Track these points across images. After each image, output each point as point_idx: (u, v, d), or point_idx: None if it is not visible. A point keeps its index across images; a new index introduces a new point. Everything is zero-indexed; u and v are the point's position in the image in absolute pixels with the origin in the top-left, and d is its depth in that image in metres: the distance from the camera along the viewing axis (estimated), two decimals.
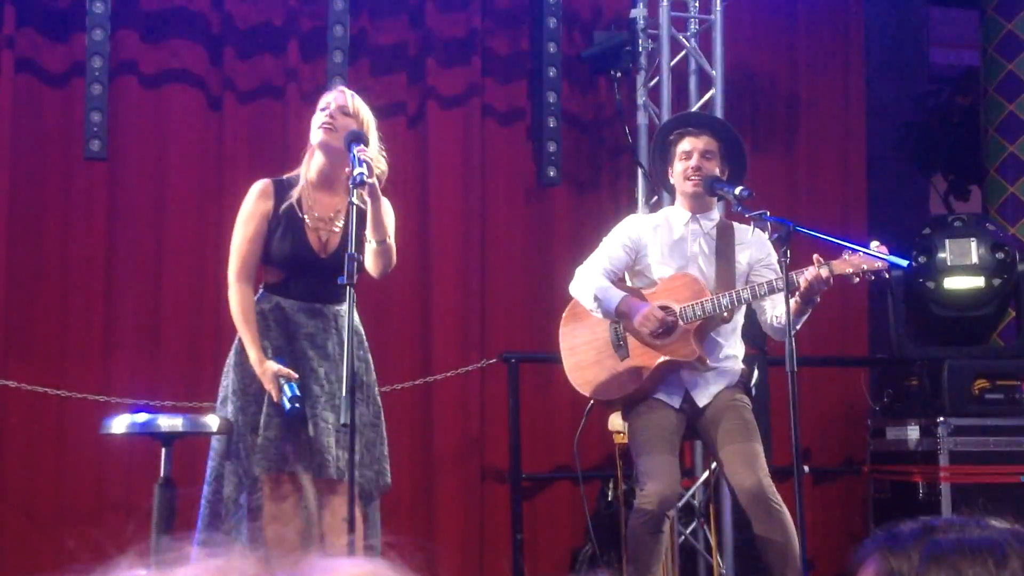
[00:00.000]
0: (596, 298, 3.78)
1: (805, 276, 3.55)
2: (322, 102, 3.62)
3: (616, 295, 3.76)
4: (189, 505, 4.80)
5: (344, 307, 3.50)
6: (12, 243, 5.12)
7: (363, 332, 3.64)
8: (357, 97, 3.63)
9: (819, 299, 3.61)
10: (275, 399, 3.44)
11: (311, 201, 3.59)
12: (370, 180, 3.32)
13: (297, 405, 3.41)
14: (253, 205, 3.61)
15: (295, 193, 3.58)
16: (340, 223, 3.55)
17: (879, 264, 3.55)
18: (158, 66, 5.32)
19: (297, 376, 3.45)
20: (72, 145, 5.16)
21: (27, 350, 5.09)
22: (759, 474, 3.58)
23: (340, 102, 3.58)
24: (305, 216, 3.56)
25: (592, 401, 4.01)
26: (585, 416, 4.20)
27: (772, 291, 3.67)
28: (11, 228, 5.11)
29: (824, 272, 3.54)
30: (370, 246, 3.47)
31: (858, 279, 3.59)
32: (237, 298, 3.59)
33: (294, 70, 5.43)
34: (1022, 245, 5.73)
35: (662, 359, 3.74)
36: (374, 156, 3.57)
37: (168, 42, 5.34)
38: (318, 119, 3.57)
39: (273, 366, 3.46)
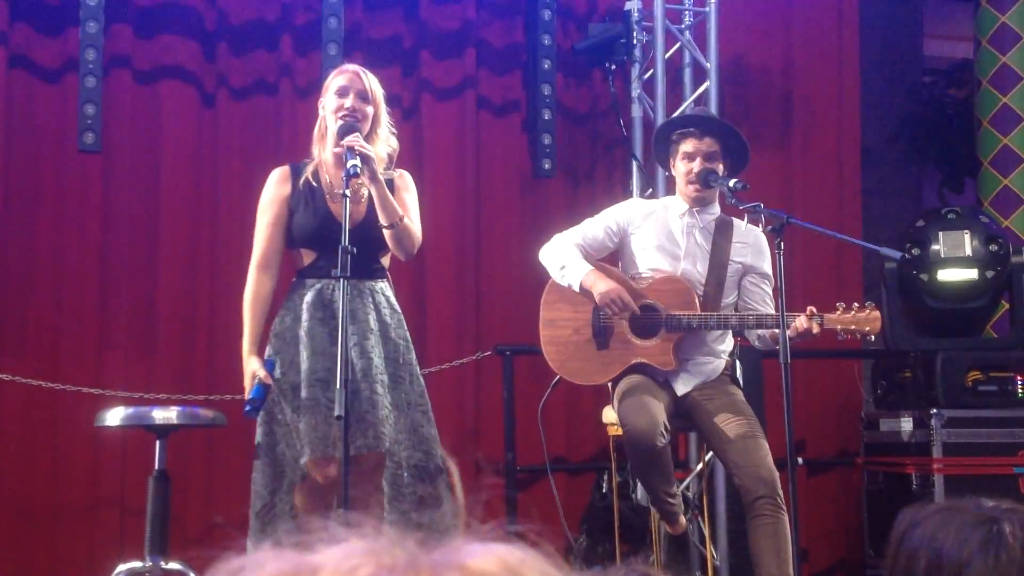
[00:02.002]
0: (562, 266, 3.79)
1: (795, 326, 3.56)
2: (335, 84, 3.54)
3: (583, 267, 3.76)
4: (184, 498, 4.82)
5: (380, 284, 3.50)
6: (6, 236, 5.12)
7: (400, 311, 3.59)
8: (371, 76, 3.58)
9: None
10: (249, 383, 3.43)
11: (329, 179, 3.54)
12: (364, 176, 3.31)
13: (248, 408, 3.37)
14: (273, 190, 3.56)
15: (308, 169, 3.54)
16: (364, 194, 3.48)
17: (868, 328, 3.59)
18: (152, 61, 5.32)
19: (269, 381, 3.40)
20: (66, 141, 5.16)
21: (21, 343, 5.09)
22: (773, 470, 3.58)
23: (358, 87, 3.52)
24: (325, 190, 3.52)
25: (559, 377, 3.99)
26: (550, 388, 4.19)
27: (760, 325, 3.72)
28: (5, 221, 5.11)
29: (815, 327, 3.56)
30: (385, 231, 3.43)
31: (847, 336, 3.64)
32: (252, 286, 3.52)
33: (288, 65, 5.43)
34: (1015, 238, 5.74)
35: (637, 360, 3.75)
36: (384, 136, 3.55)
37: (161, 37, 5.34)
38: (334, 105, 3.51)
39: (254, 363, 3.42)
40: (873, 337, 3.66)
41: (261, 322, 3.51)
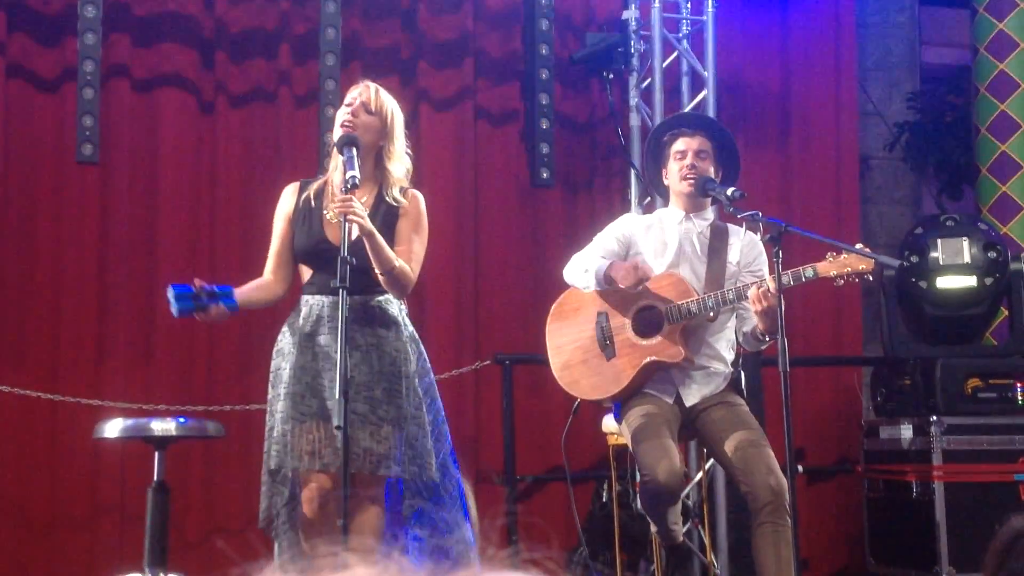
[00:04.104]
0: (586, 269, 3.78)
1: (756, 288, 3.55)
2: (348, 97, 3.54)
3: (604, 263, 3.75)
4: (183, 509, 4.81)
5: (377, 298, 3.49)
6: (4, 247, 5.11)
7: (402, 321, 3.56)
8: (383, 92, 3.55)
9: (771, 335, 3.61)
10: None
11: (332, 195, 3.52)
12: (361, 219, 3.29)
13: (184, 304, 3.32)
14: (279, 205, 3.62)
15: (312, 187, 3.56)
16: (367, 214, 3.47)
17: (863, 266, 3.55)
18: (150, 70, 5.32)
19: (202, 288, 3.38)
20: (64, 150, 5.16)
21: (19, 355, 5.08)
22: (781, 478, 3.57)
23: (364, 98, 3.50)
24: (325, 210, 3.51)
25: (579, 400, 4.01)
26: (572, 415, 4.20)
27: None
28: (3, 232, 5.11)
29: (772, 293, 3.52)
30: (379, 276, 3.42)
31: (843, 281, 3.59)
32: (256, 281, 3.59)
33: (286, 73, 5.43)
34: (1014, 244, 5.74)
35: (648, 359, 3.74)
36: (398, 155, 3.54)
37: (160, 46, 5.34)
38: (341, 116, 3.50)
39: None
40: (871, 277, 3.61)
41: (251, 287, 3.54)
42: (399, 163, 3.56)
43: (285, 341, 3.53)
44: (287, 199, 3.61)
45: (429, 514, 3.56)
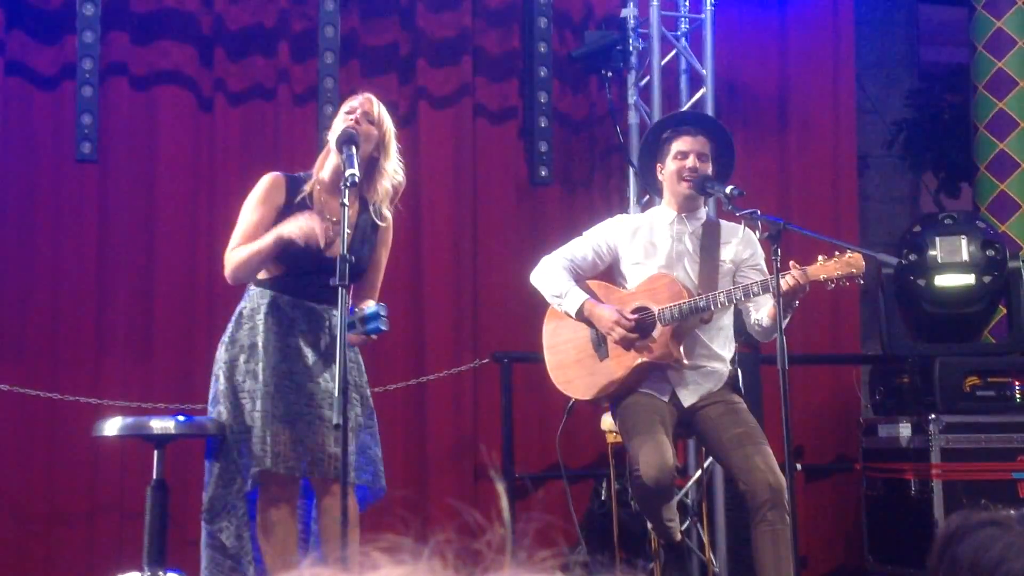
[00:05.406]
0: (557, 295, 3.82)
1: (786, 281, 3.54)
2: (346, 106, 3.57)
3: (578, 297, 3.78)
4: (183, 507, 4.81)
5: (335, 309, 3.50)
6: (3, 245, 5.11)
7: None
8: (383, 107, 3.61)
9: (797, 303, 3.61)
10: (298, 235, 3.35)
11: (321, 201, 3.55)
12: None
13: (381, 327, 3.31)
14: (265, 194, 3.56)
15: (307, 188, 3.57)
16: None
17: (854, 270, 3.55)
18: (149, 68, 5.32)
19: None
20: (63, 148, 5.15)
21: (18, 353, 5.08)
22: (780, 476, 3.57)
23: (367, 108, 3.54)
24: (315, 213, 3.53)
25: (573, 400, 4.02)
26: (566, 414, 4.21)
27: (749, 295, 3.68)
28: (2, 231, 5.11)
29: (800, 278, 3.52)
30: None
31: (832, 285, 3.58)
32: (240, 252, 3.50)
33: (285, 71, 5.43)
34: (1012, 242, 5.74)
35: (639, 360, 3.74)
36: (391, 170, 3.58)
37: (159, 43, 5.34)
38: (341, 121, 3.52)
39: (300, 220, 3.38)
40: (861, 280, 3.61)
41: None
42: (389, 180, 3.60)
43: (244, 334, 3.52)
44: (278, 191, 3.56)
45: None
